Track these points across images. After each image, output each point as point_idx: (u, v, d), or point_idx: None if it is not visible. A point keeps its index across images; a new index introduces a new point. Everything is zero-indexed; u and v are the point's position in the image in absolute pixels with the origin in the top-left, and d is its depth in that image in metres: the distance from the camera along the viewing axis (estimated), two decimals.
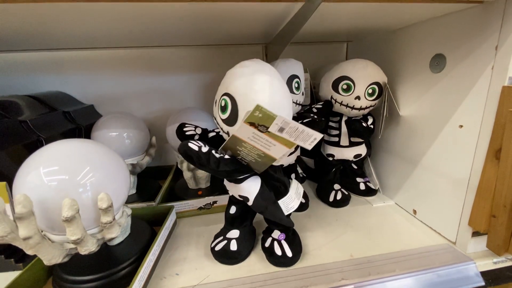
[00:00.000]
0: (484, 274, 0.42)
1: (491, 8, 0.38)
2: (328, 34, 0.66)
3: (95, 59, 0.71)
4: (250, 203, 0.41)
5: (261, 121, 0.32)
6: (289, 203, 0.44)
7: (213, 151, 0.35)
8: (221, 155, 0.36)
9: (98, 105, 0.74)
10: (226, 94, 0.35)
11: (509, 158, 0.36)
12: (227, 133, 0.37)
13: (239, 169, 0.38)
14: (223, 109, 0.36)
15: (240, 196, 0.42)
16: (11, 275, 0.44)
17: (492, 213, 0.39)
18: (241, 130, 0.33)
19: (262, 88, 0.34)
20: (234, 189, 0.42)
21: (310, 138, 0.33)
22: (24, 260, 0.46)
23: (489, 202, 0.39)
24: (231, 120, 0.35)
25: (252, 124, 0.32)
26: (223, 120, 0.37)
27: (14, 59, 0.68)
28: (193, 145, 0.34)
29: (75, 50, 0.69)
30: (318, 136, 0.32)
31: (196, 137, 0.44)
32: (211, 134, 0.45)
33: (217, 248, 0.45)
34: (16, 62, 0.68)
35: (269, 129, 0.32)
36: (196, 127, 0.45)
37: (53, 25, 0.43)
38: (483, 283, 0.41)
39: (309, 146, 0.33)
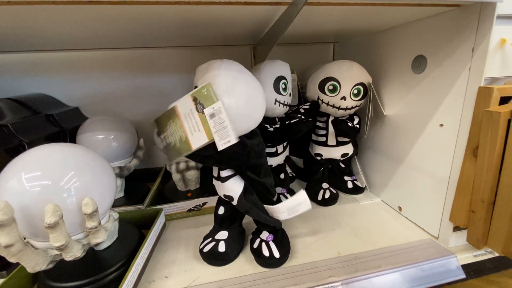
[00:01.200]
0: (465, 267, 0.44)
1: (468, 11, 0.40)
2: (314, 35, 0.67)
3: (79, 61, 0.70)
4: (234, 202, 0.42)
5: (203, 99, 0.34)
6: (275, 213, 0.43)
7: None
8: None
9: (84, 107, 0.72)
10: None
11: (486, 155, 0.37)
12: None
13: (213, 156, 0.38)
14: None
15: (225, 195, 0.42)
16: None
17: (471, 209, 0.41)
18: (183, 102, 0.35)
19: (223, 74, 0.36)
20: (221, 189, 0.43)
21: (226, 138, 0.34)
22: (7, 268, 0.44)
23: (468, 198, 0.41)
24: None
25: (194, 99, 0.35)
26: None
27: None
28: None
29: (58, 51, 0.68)
30: (233, 141, 0.34)
31: None
32: None
33: (206, 249, 0.45)
34: None
35: (204, 110, 0.34)
36: None
37: (34, 27, 0.42)
38: (464, 276, 0.42)
39: (220, 146, 0.34)
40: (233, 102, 0.35)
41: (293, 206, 0.42)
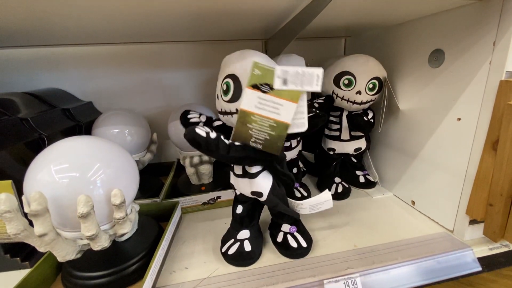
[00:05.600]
0: (479, 260, 0.44)
1: (489, 5, 0.39)
2: (326, 29, 0.66)
3: (92, 55, 0.70)
4: (263, 198, 0.41)
5: (262, 79, 0.31)
6: (297, 207, 0.44)
7: (222, 137, 0.34)
8: (231, 141, 0.35)
9: (96, 102, 0.73)
10: (227, 76, 0.35)
11: (506, 148, 0.37)
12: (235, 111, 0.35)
13: (250, 155, 0.36)
14: (226, 91, 0.35)
15: (253, 192, 0.41)
16: (18, 274, 0.44)
17: (489, 202, 0.41)
18: (247, 99, 0.31)
19: (254, 54, 0.35)
20: (247, 186, 0.41)
21: (313, 77, 0.31)
22: (30, 259, 0.45)
23: (486, 191, 0.41)
24: (237, 97, 0.34)
25: (255, 87, 0.31)
26: (226, 101, 0.35)
27: (8, 55, 0.66)
28: (201, 131, 0.33)
29: (71, 46, 0.68)
30: (320, 72, 0.32)
31: (201, 124, 0.42)
32: (216, 123, 0.43)
33: (231, 251, 0.44)
34: (10, 58, 0.66)
35: (274, 86, 0.31)
36: (200, 114, 0.44)
37: (49, 20, 0.42)
38: (480, 268, 0.43)
39: (316, 87, 0.32)
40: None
41: (316, 204, 0.42)
